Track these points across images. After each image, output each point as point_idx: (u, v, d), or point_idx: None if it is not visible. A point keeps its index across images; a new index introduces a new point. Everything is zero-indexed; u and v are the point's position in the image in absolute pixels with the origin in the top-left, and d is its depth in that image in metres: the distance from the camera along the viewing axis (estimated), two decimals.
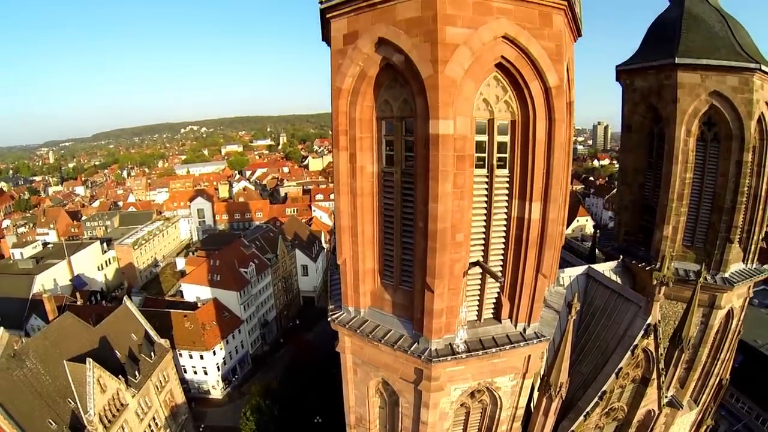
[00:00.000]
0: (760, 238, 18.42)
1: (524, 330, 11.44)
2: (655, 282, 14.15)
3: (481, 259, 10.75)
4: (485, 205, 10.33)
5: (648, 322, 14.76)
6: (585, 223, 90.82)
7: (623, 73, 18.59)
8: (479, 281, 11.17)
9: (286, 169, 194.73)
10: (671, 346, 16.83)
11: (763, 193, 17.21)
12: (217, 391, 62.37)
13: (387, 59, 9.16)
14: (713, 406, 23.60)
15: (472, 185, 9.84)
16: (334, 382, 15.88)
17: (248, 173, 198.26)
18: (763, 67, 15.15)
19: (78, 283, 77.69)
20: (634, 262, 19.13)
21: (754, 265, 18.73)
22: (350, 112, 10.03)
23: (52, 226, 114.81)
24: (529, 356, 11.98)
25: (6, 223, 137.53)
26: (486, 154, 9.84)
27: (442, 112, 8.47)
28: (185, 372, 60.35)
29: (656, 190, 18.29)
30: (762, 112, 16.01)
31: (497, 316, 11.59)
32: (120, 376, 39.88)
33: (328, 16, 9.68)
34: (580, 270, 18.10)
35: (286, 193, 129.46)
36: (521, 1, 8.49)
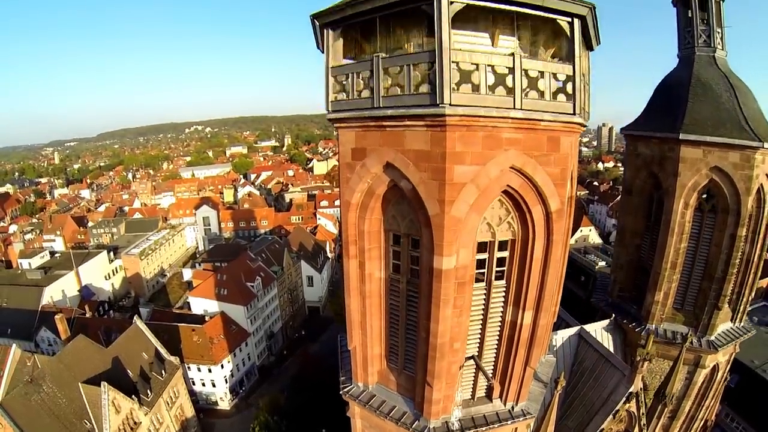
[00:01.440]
0: (750, 299, 19.10)
1: (512, 408, 12.45)
2: (639, 358, 14.97)
3: (476, 353, 11.69)
4: (482, 311, 11.16)
5: (630, 390, 15.61)
6: (588, 233, 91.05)
7: (628, 136, 19.19)
8: (474, 369, 12.08)
9: (290, 173, 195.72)
10: (655, 399, 17.68)
11: (755, 259, 17.82)
12: (224, 403, 63.43)
13: (395, 181, 9.70)
14: None
15: (471, 301, 10.62)
16: (337, 389, 16.84)
17: (253, 176, 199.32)
18: (766, 145, 15.59)
19: (86, 293, 78.89)
20: (625, 321, 19.95)
21: (743, 323, 19.45)
22: (359, 225, 10.71)
23: (58, 232, 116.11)
24: (516, 428, 12.90)
25: (13, 228, 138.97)
26: (485, 270, 10.55)
27: (446, 250, 9.08)
28: (194, 384, 61.43)
29: (651, 253, 18.95)
30: (761, 184, 16.55)
31: (489, 396, 12.64)
32: (133, 396, 41.05)
33: (335, 125, 10.32)
34: (572, 331, 18.90)
35: (291, 199, 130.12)
36: (531, 130, 8.85)
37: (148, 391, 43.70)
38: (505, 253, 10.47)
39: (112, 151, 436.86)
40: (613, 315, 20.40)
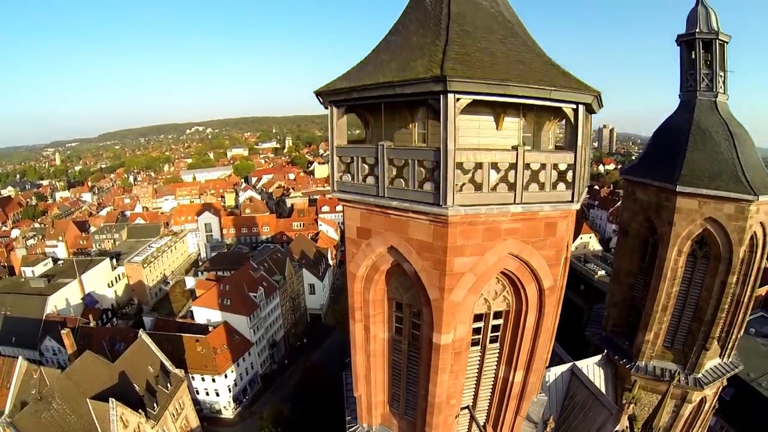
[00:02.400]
0: (739, 336, 19.76)
1: None
2: (625, 401, 15.67)
3: (470, 404, 12.41)
4: (477, 369, 11.85)
5: (617, 429, 16.28)
6: (589, 240, 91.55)
7: (627, 180, 19.80)
8: (468, 417, 12.75)
9: (291, 176, 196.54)
10: (644, 430, 18.39)
11: (745, 300, 18.42)
12: (228, 411, 64.14)
13: (398, 261, 10.28)
14: None
15: (467, 363, 11.28)
16: (341, 402, 17.68)
17: (254, 180, 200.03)
18: (761, 198, 16.00)
19: (89, 301, 79.53)
20: (617, 357, 20.64)
21: (731, 359, 20.12)
22: (364, 294, 11.32)
23: (60, 238, 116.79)
24: None
25: (15, 233, 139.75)
26: (480, 336, 11.22)
27: (444, 329, 9.75)
28: (197, 393, 62.11)
29: (644, 293, 19.57)
30: (755, 231, 17.10)
31: None
32: (140, 410, 41.76)
33: (341, 203, 10.84)
34: (565, 368, 19.56)
35: (292, 204, 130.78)
36: (529, 219, 9.30)
37: (155, 405, 44.38)
38: (500, 321, 11.08)
39: (113, 152, 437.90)
40: (606, 350, 21.12)
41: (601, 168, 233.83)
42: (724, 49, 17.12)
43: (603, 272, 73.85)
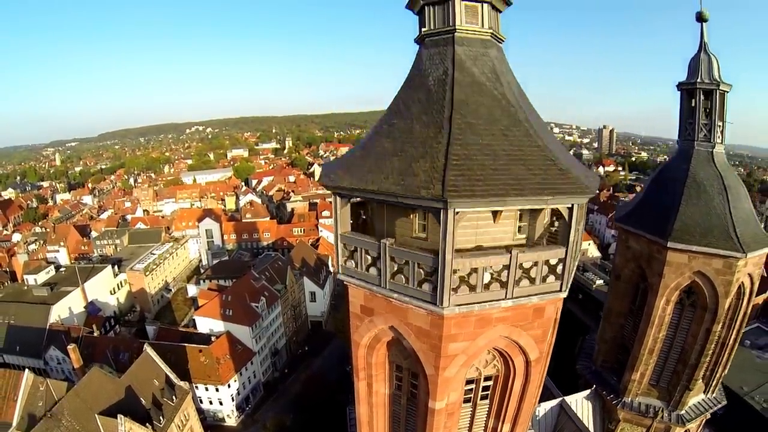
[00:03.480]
0: (723, 374, 20.44)
1: None
2: None
3: None
4: (468, 422, 12.65)
5: None
6: (587, 247, 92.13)
7: (621, 228, 20.39)
8: None
9: (292, 178, 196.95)
10: None
11: (730, 342, 19.08)
12: (231, 420, 64.87)
13: (398, 337, 11.09)
14: None
15: (459, 419, 12.08)
16: (343, 409, 18.43)
17: (254, 182, 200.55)
18: (750, 255, 16.59)
19: (92, 309, 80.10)
20: (605, 392, 21.40)
21: (715, 394, 20.81)
22: (367, 358, 12.13)
23: (62, 243, 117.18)
24: None
25: (16, 237, 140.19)
26: (472, 395, 12.02)
27: (438, 397, 10.61)
28: (201, 402, 62.84)
29: (633, 333, 20.38)
30: (742, 282, 17.71)
31: None
32: (147, 423, 42.52)
33: (346, 282, 11.48)
34: (554, 402, 20.28)
35: (292, 209, 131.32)
36: (518, 308, 10.02)
37: (161, 418, 45.14)
38: (490, 383, 11.92)
39: (113, 152, 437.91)
40: (594, 385, 21.86)
41: (600, 170, 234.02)
42: (725, 98, 17.52)
43: (601, 281, 74.13)
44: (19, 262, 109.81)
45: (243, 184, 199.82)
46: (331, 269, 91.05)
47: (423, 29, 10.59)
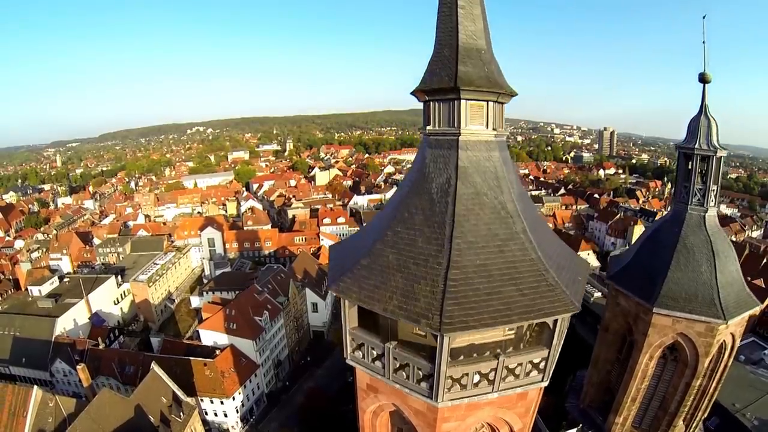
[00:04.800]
0: (703, 417, 21.14)
1: None
2: None
3: None
4: None
5: None
6: (586, 257, 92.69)
7: (612, 286, 21.02)
8: None
9: (293, 182, 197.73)
10: None
11: (711, 390, 19.81)
12: (236, 431, 65.63)
13: (398, 410, 12.11)
14: None
15: None
16: (345, 420, 19.23)
17: (255, 186, 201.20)
18: (730, 321, 17.28)
19: (96, 321, 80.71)
20: None
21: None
22: (372, 421, 13.05)
23: (65, 251, 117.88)
24: None
25: (19, 243, 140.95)
26: None
27: None
28: (206, 414, 63.59)
29: (619, 380, 21.31)
30: (724, 340, 18.39)
31: None
32: None
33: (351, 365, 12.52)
34: None
35: (293, 216, 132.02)
36: (504, 391, 11.07)
37: None
38: None
39: (114, 153, 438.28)
40: (581, 424, 22.64)
41: (601, 173, 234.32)
42: (720, 164, 18.10)
43: (599, 294, 74.65)
44: (22, 270, 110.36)
45: (244, 189, 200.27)
46: None
47: (428, 127, 11.16)
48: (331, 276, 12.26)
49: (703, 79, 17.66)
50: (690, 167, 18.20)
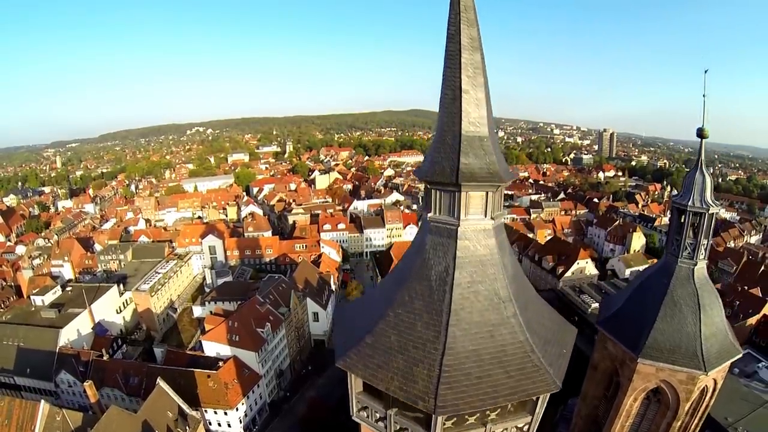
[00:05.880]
0: None
1: None
2: None
3: None
4: None
5: None
6: (585, 266, 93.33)
7: (601, 331, 21.77)
8: None
9: (293, 186, 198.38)
10: None
11: (692, 427, 20.62)
12: None
13: None
14: None
15: None
16: (345, 429, 19.92)
17: (255, 190, 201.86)
18: (710, 372, 18.12)
19: (99, 331, 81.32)
20: None
21: None
22: None
23: (66, 258, 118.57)
24: None
25: (20, 249, 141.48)
26: None
27: None
28: (210, 424, 64.31)
29: (606, 414, 22.07)
30: (705, 385, 19.21)
31: None
32: None
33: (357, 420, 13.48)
34: None
35: (294, 222, 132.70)
36: None
37: None
38: None
39: (114, 154, 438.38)
40: None
41: (600, 176, 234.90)
42: (712, 220, 18.70)
43: (596, 304, 75.14)
44: (24, 277, 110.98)
45: (244, 193, 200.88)
46: (333, 287, 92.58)
47: (429, 214, 11.85)
48: (338, 348, 13.09)
49: (701, 134, 18.17)
50: (682, 221, 18.78)
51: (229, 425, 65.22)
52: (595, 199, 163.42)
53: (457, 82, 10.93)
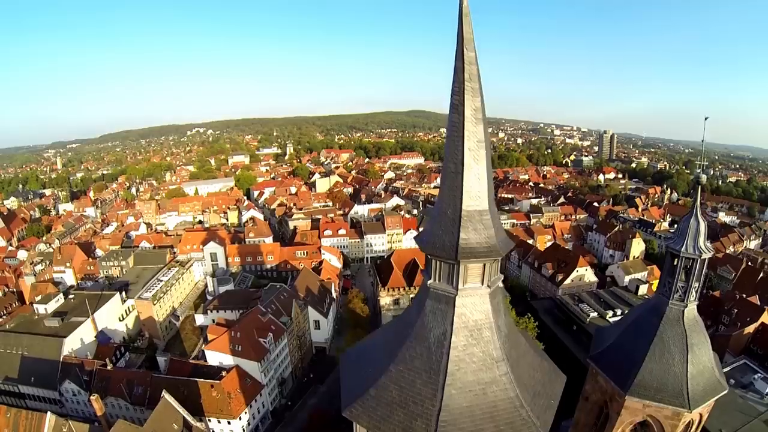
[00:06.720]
0: None
1: None
2: None
3: None
4: None
5: None
6: (584, 273, 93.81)
7: (592, 366, 22.44)
8: None
9: (293, 189, 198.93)
10: None
11: None
12: None
13: None
14: None
15: None
16: None
17: (256, 193, 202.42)
18: (695, 410, 18.83)
19: (102, 339, 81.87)
20: None
21: None
22: None
23: (68, 264, 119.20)
24: None
25: (22, 254, 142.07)
26: None
27: None
28: None
29: None
30: (691, 419, 19.90)
31: None
32: None
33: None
34: None
35: (295, 227, 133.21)
36: None
37: None
38: None
39: (114, 155, 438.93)
40: None
41: (600, 178, 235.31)
42: (704, 265, 19.27)
43: (595, 314, 75.58)
44: (26, 283, 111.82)
45: (245, 198, 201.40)
46: (334, 295, 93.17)
47: (429, 281, 12.48)
48: (345, 394, 13.66)
49: (697, 181, 18.82)
50: (675, 264, 19.30)
51: None
52: (595, 203, 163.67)
53: (459, 156, 11.39)
